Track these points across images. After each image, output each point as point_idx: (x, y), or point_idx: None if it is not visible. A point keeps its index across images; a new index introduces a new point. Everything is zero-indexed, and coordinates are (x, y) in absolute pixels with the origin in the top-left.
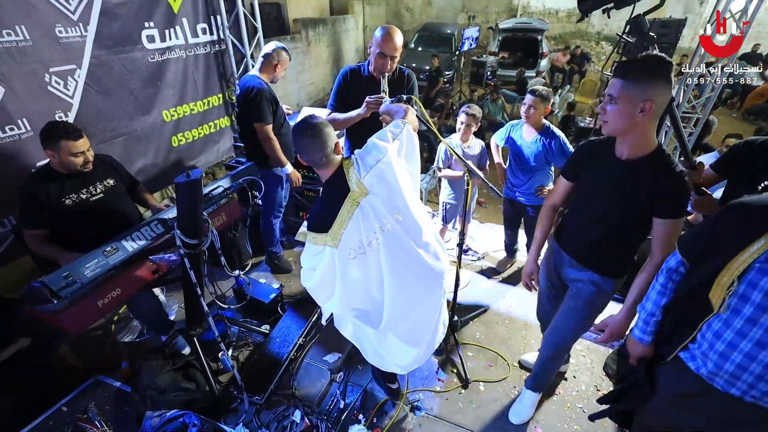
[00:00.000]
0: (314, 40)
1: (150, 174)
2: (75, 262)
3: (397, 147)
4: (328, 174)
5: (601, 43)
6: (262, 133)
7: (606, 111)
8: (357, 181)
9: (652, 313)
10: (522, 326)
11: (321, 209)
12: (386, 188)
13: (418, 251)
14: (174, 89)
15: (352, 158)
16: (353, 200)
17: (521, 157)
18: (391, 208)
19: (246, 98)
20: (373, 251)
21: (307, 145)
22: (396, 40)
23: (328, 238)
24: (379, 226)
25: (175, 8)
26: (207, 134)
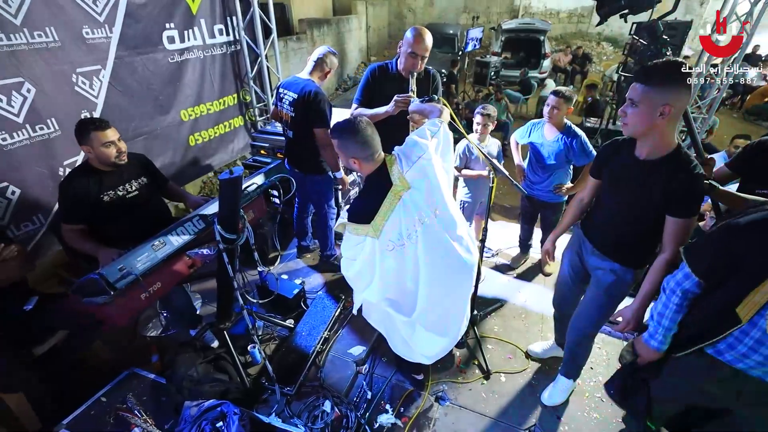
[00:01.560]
0: (319, 40)
1: (168, 173)
2: (127, 254)
3: (435, 144)
4: (371, 169)
5: (602, 44)
6: (325, 138)
7: (627, 114)
8: (400, 176)
9: (669, 328)
10: (538, 319)
11: (364, 201)
12: (426, 183)
13: (453, 244)
14: (192, 89)
15: (394, 154)
16: (395, 194)
17: (542, 155)
18: (431, 203)
19: (307, 103)
20: (412, 243)
21: (356, 143)
22: (427, 40)
23: (370, 230)
24: (419, 219)
25: (194, 9)
26: (222, 134)
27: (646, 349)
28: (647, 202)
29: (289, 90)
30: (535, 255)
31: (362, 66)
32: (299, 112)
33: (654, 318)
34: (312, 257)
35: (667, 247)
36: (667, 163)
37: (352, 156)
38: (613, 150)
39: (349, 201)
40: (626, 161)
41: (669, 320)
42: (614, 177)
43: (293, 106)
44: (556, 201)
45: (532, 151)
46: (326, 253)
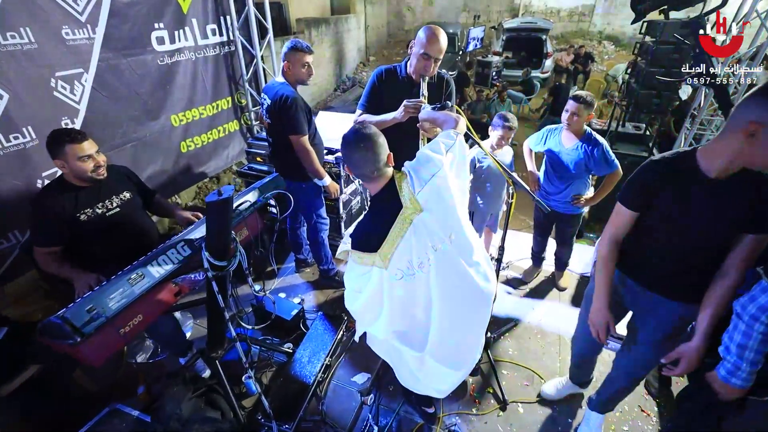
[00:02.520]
0: (317, 40)
1: (158, 181)
2: (98, 291)
3: (450, 160)
4: (377, 188)
5: (603, 43)
6: (300, 145)
7: None
8: (410, 197)
9: (755, 362)
10: (555, 340)
11: (369, 226)
12: (441, 205)
13: (469, 272)
14: (183, 93)
15: (404, 171)
16: (406, 217)
17: (560, 164)
18: (445, 227)
19: (280, 109)
20: (423, 273)
21: (360, 158)
22: (442, 41)
23: (377, 259)
24: (432, 245)
25: (185, 8)
26: (216, 139)
27: (727, 388)
28: (726, 224)
29: (267, 95)
30: (548, 267)
31: (361, 66)
32: (274, 119)
33: (732, 351)
34: (311, 271)
35: (733, 270)
36: (747, 176)
37: (356, 173)
38: (662, 173)
39: (350, 212)
40: (689, 184)
41: (755, 353)
42: (675, 205)
43: (269, 112)
44: (573, 213)
45: (549, 160)
46: (323, 268)
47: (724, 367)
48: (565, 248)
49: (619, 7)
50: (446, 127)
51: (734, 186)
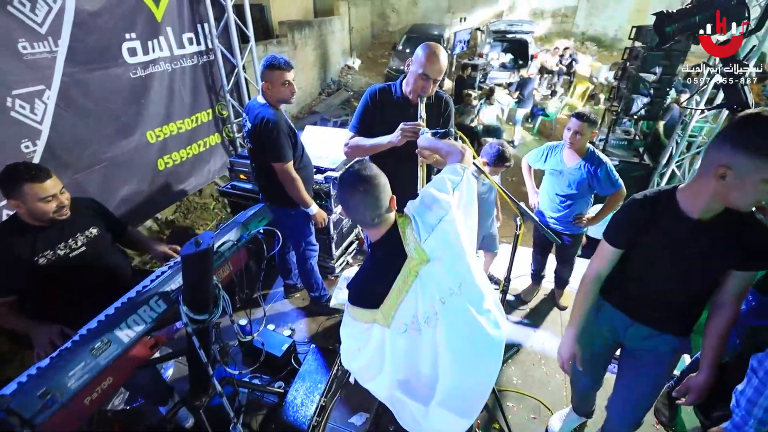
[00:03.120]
0: (300, 43)
1: (134, 203)
2: (55, 369)
3: (457, 199)
4: (378, 235)
5: (586, 43)
6: (284, 172)
7: None
8: (416, 246)
9: (763, 420)
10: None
11: (370, 279)
12: (449, 252)
13: (480, 320)
14: (159, 107)
15: (408, 215)
16: (411, 269)
17: (562, 184)
18: (454, 276)
19: (260, 133)
20: (430, 327)
21: (358, 203)
22: (442, 60)
23: (379, 316)
24: (440, 298)
25: (159, 17)
26: (196, 154)
27: None
28: (713, 264)
29: (248, 116)
30: (547, 284)
31: (346, 69)
32: (255, 144)
33: (741, 405)
34: (301, 296)
35: (727, 306)
36: (731, 216)
37: (354, 219)
38: (648, 213)
39: (341, 231)
40: (672, 223)
41: (764, 410)
42: (658, 245)
43: (249, 136)
44: (575, 233)
45: (550, 179)
46: (315, 295)
47: (732, 422)
48: (566, 267)
49: (601, 8)
50: (451, 160)
51: (720, 227)
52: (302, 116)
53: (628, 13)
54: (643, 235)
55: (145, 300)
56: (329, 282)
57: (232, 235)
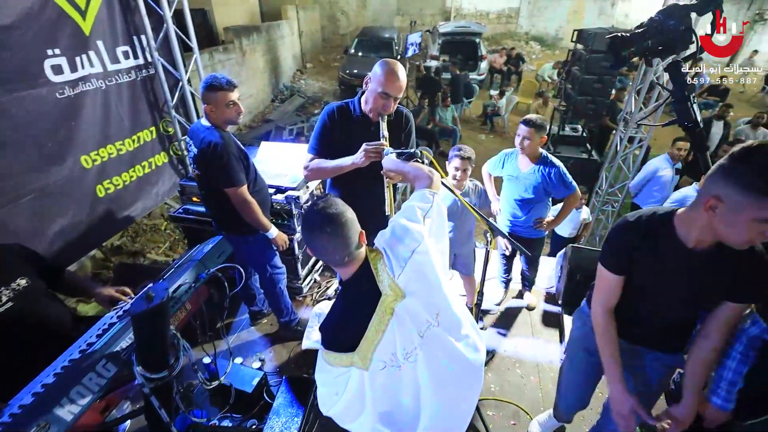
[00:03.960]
0: (249, 49)
1: (72, 236)
2: None
3: (429, 226)
4: (349, 272)
5: (531, 43)
6: (238, 197)
7: None
8: (390, 283)
9: (733, 382)
10: (533, 369)
11: (343, 321)
12: (425, 285)
13: (458, 347)
14: (94, 128)
15: (379, 249)
16: (386, 307)
17: (519, 189)
18: (431, 308)
19: (207, 159)
20: (410, 363)
21: (326, 244)
22: (401, 78)
23: (356, 359)
24: (418, 332)
25: (86, 30)
26: (141, 176)
27: (710, 409)
28: (707, 294)
29: (192, 141)
30: (515, 287)
31: (298, 74)
32: (202, 170)
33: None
34: (269, 322)
35: (715, 333)
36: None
37: (323, 260)
38: (642, 236)
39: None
40: (668, 251)
41: (732, 372)
42: (653, 271)
43: (196, 163)
44: (537, 236)
45: (508, 185)
46: (284, 321)
47: (709, 387)
48: (531, 270)
49: (542, 10)
50: (419, 185)
51: (714, 258)
52: (255, 125)
53: (567, 13)
54: (636, 257)
55: (90, 366)
56: (297, 303)
57: (188, 276)
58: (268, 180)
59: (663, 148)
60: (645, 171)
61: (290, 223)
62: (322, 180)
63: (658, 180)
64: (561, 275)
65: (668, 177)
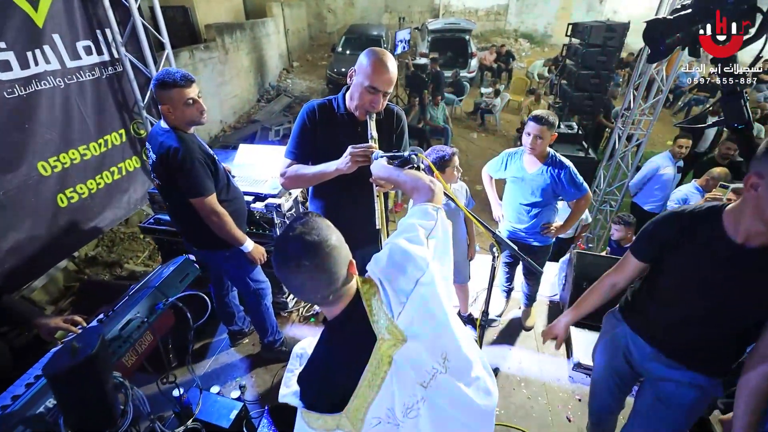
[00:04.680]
0: (232, 47)
1: (29, 252)
2: None
3: (433, 249)
4: (336, 311)
5: (520, 40)
6: (205, 208)
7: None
8: (388, 324)
9: None
10: (540, 388)
11: (327, 373)
12: (430, 323)
13: (468, 395)
14: (52, 131)
15: (374, 281)
16: (383, 356)
17: (525, 191)
18: (437, 352)
19: (167, 167)
20: (410, 420)
21: (305, 282)
22: (392, 69)
23: (343, 421)
24: (421, 384)
25: (39, 22)
26: (110, 183)
27: None
28: (753, 299)
29: (150, 146)
30: (516, 296)
31: (284, 73)
32: (163, 179)
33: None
34: (250, 342)
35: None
36: None
37: (305, 299)
38: (681, 227)
39: None
40: (710, 246)
41: None
42: (690, 267)
43: (155, 171)
44: (543, 243)
45: (512, 188)
46: (268, 341)
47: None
48: (533, 281)
49: (530, 7)
50: (418, 198)
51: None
52: (241, 126)
53: (556, 10)
54: (675, 253)
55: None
56: (282, 320)
57: (141, 307)
58: (246, 186)
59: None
60: (646, 169)
61: (272, 233)
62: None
63: (660, 178)
64: (565, 283)
65: (670, 175)
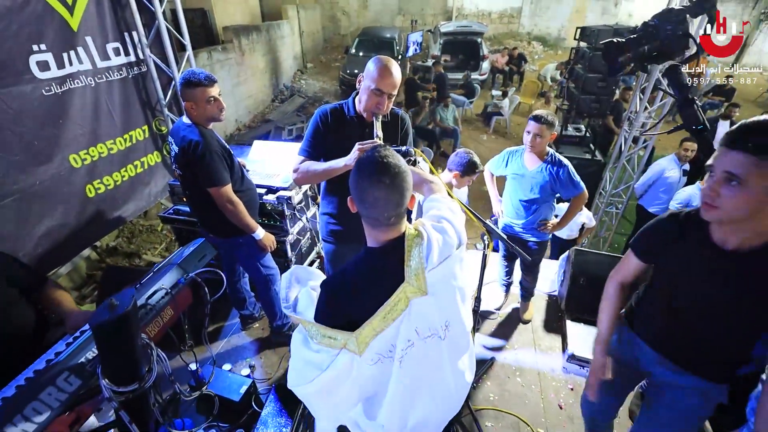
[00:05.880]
0: (248, 49)
1: (59, 238)
2: None
3: None
4: (381, 239)
5: (533, 43)
6: (221, 197)
7: (719, 194)
8: (418, 273)
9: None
10: (535, 378)
11: (350, 294)
12: (448, 292)
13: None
14: (83, 126)
15: (422, 232)
16: (403, 297)
17: (524, 188)
18: (443, 317)
19: (188, 159)
20: (396, 361)
21: (379, 198)
22: (395, 74)
23: (351, 342)
24: (417, 332)
25: (74, 25)
26: (133, 176)
27: None
28: (747, 304)
29: (173, 140)
30: (516, 291)
31: (298, 74)
32: (184, 170)
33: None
34: (260, 326)
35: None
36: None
37: (364, 214)
38: (673, 232)
39: (300, 252)
40: (699, 251)
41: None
42: (681, 270)
43: (177, 162)
44: (541, 239)
45: (512, 184)
46: (277, 324)
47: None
48: (530, 276)
49: (543, 9)
50: (423, 191)
51: (755, 265)
52: (255, 125)
53: (570, 13)
54: (666, 257)
55: (50, 379)
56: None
57: (166, 280)
58: (259, 180)
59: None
60: (651, 172)
61: (282, 224)
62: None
63: (665, 181)
64: (564, 279)
65: (675, 178)
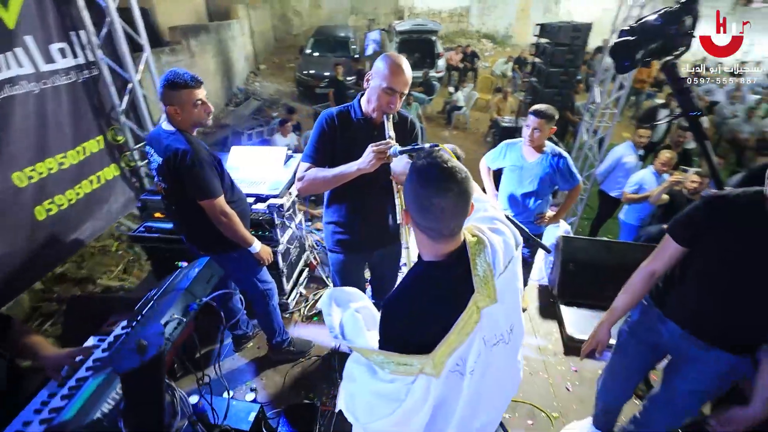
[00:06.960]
0: (198, 50)
1: (5, 271)
2: None
3: None
4: (442, 251)
5: (483, 41)
6: (214, 210)
7: None
8: (487, 281)
9: None
10: (539, 364)
11: (416, 317)
12: (512, 295)
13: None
14: (26, 139)
15: (484, 239)
16: (475, 309)
17: (522, 180)
18: (508, 321)
19: (177, 170)
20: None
21: (445, 208)
22: (407, 71)
23: (428, 365)
24: (485, 342)
25: (10, 23)
26: (89, 193)
27: None
28: None
29: (153, 149)
30: None
31: (252, 76)
32: (170, 182)
33: None
34: (255, 345)
35: None
36: None
37: (422, 225)
38: (721, 213)
39: (290, 262)
40: (751, 230)
41: None
42: (729, 251)
43: (161, 174)
44: (536, 232)
45: (510, 177)
46: (276, 341)
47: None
48: (526, 268)
49: (491, 8)
50: None
51: None
52: (210, 131)
53: (515, 11)
54: (711, 237)
55: None
56: (285, 321)
57: (175, 310)
58: (245, 188)
59: (614, 138)
60: (610, 158)
61: (273, 234)
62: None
63: (623, 167)
64: (553, 267)
65: (633, 163)
